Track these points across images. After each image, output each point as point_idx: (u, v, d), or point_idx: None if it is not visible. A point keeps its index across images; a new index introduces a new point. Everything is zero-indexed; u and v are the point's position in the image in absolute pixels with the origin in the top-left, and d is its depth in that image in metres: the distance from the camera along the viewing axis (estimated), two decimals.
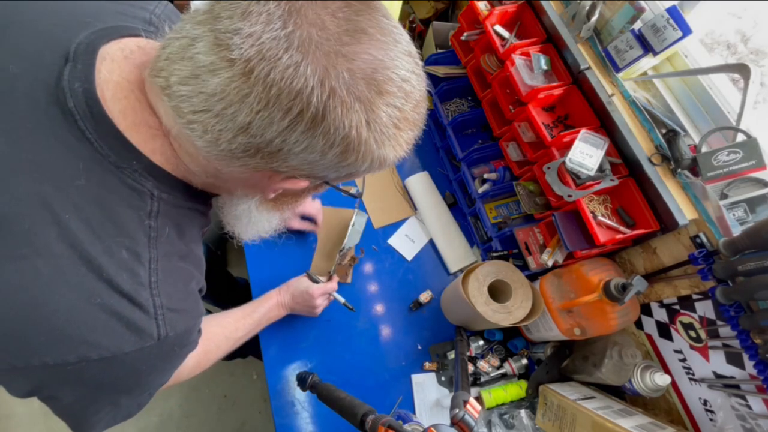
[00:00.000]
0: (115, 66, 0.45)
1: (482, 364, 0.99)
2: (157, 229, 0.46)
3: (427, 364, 1.00)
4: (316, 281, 0.96)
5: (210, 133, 0.39)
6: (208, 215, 0.58)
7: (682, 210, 0.74)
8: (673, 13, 0.75)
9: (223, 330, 0.84)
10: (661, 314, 0.85)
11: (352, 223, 1.06)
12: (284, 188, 0.47)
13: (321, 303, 0.97)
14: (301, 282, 0.96)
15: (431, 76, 1.21)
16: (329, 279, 1.01)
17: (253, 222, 0.58)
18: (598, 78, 0.86)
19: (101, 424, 0.51)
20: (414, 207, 1.19)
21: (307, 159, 0.41)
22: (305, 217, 1.09)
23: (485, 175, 1.08)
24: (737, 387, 0.73)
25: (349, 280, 1.08)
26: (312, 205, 1.06)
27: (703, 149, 0.74)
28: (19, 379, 0.44)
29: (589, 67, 0.87)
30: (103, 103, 0.42)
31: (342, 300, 1.00)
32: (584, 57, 0.88)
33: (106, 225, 0.43)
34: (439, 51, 1.24)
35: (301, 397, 0.94)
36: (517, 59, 0.93)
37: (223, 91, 0.37)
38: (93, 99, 0.42)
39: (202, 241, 1.27)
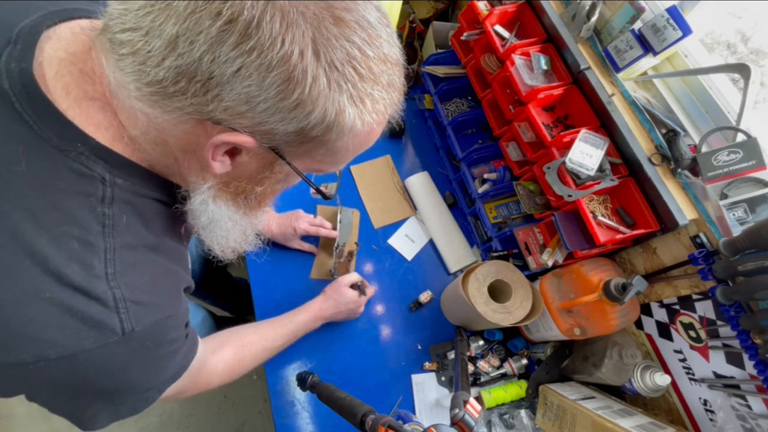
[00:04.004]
0: (62, 43, 0.42)
1: (482, 364, 0.99)
2: (113, 217, 0.42)
3: (427, 364, 1.00)
4: (364, 293, 0.99)
5: (138, 56, 0.36)
6: (180, 211, 0.52)
7: (682, 210, 0.74)
8: (673, 13, 0.75)
9: (261, 339, 0.81)
10: (661, 314, 0.85)
11: (339, 220, 1.07)
12: (225, 142, 0.40)
13: (363, 309, 1.02)
14: (345, 294, 0.95)
15: (431, 76, 1.21)
16: (339, 273, 1.03)
17: (213, 221, 0.51)
18: (598, 78, 0.86)
19: (100, 420, 0.49)
20: (414, 207, 1.19)
21: (242, 92, 0.36)
22: (306, 240, 1.09)
23: (485, 175, 1.08)
24: (737, 387, 0.73)
25: None
26: (310, 226, 1.05)
27: (703, 149, 0.74)
28: None
29: (589, 67, 0.87)
30: (44, 82, 0.40)
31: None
32: (584, 57, 0.88)
33: (52, 213, 0.39)
34: (439, 51, 1.24)
35: (301, 397, 0.94)
36: (517, 59, 0.93)
37: None
38: (29, 79, 0.39)
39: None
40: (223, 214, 0.50)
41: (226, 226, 0.52)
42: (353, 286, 0.98)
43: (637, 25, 0.81)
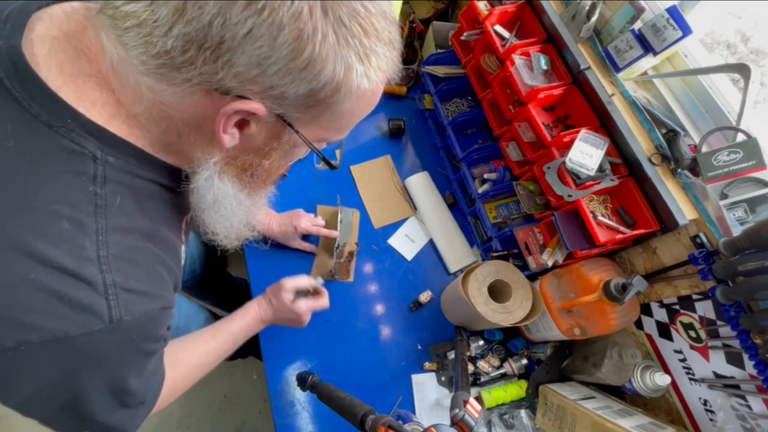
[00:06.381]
0: (54, 23, 0.42)
1: (482, 364, 0.99)
2: (106, 197, 0.41)
3: (427, 364, 1.00)
4: (303, 294, 0.89)
5: (144, 27, 0.35)
6: (181, 196, 0.51)
7: (682, 210, 0.74)
8: (673, 13, 0.75)
9: (191, 355, 0.73)
10: (661, 314, 0.85)
11: (339, 220, 1.07)
12: (237, 111, 0.39)
13: (309, 318, 0.90)
14: (282, 300, 0.86)
15: (431, 76, 1.21)
16: (339, 274, 0.99)
17: (219, 200, 0.50)
18: (598, 78, 0.86)
19: None
20: (414, 207, 1.19)
21: (254, 54, 0.36)
22: (307, 239, 1.09)
23: (485, 175, 1.08)
24: (737, 387, 0.73)
25: (351, 277, 1.08)
26: (311, 226, 1.05)
27: (703, 149, 0.74)
28: None
29: (589, 67, 0.87)
30: (35, 59, 0.39)
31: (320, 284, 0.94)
32: (584, 57, 0.88)
33: (41, 192, 0.38)
34: (439, 51, 1.24)
35: (301, 397, 0.94)
36: (517, 59, 0.93)
37: None
38: (18, 55, 0.39)
39: (200, 238, 1.25)
40: (228, 192, 0.50)
41: (230, 206, 0.51)
42: (300, 292, 0.87)
43: (637, 25, 0.81)
